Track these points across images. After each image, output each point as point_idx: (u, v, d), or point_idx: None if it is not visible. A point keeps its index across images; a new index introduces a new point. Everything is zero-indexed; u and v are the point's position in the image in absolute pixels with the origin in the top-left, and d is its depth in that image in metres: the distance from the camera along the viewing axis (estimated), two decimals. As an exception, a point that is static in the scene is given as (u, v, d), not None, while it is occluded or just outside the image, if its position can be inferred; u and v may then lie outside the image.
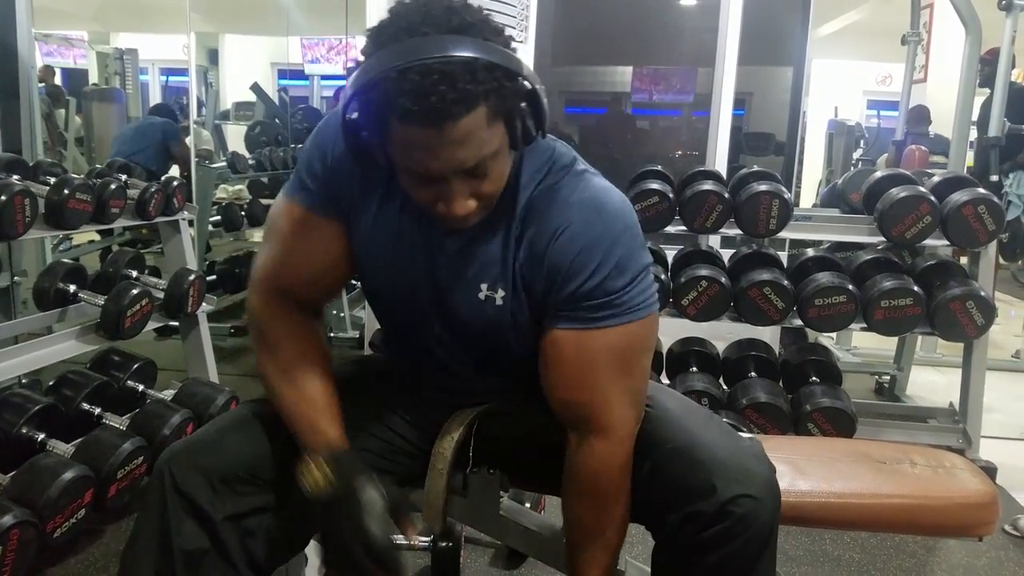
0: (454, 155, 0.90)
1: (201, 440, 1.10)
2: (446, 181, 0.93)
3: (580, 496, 1.10)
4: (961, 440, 2.63)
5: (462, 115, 0.86)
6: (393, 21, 0.90)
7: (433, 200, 0.96)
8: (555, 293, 1.03)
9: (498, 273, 1.07)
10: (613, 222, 1.02)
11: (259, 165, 4.51)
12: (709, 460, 1.02)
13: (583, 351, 1.04)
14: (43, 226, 2.07)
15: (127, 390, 2.32)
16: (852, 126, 6.24)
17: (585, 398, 1.05)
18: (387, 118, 0.89)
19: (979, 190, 2.50)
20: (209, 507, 1.02)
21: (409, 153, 0.91)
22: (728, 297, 2.51)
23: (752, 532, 1.00)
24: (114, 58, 6.77)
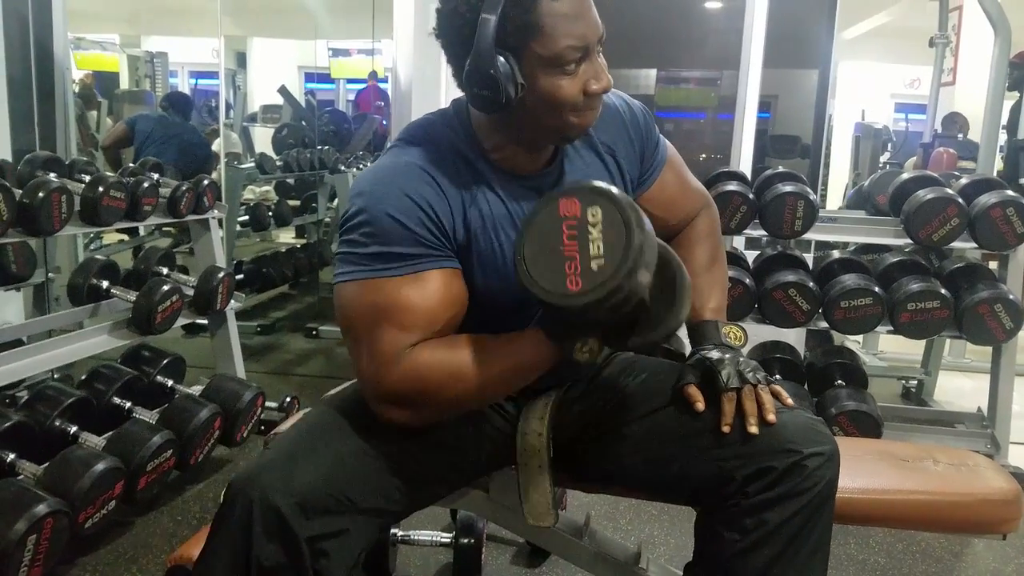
0: (595, 17, 1.04)
1: (282, 458, 1.08)
2: (590, 57, 1.04)
3: (702, 240, 1.37)
4: (989, 445, 2.60)
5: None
6: None
7: (582, 87, 1.04)
8: (648, 151, 1.28)
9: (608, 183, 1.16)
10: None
11: (286, 167, 4.56)
12: (779, 422, 1.10)
13: (677, 173, 1.34)
14: (78, 223, 2.12)
15: (157, 385, 2.37)
16: (879, 129, 6.17)
17: (694, 199, 1.38)
18: (536, 6, 0.99)
19: (1008, 192, 2.48)
20: (295, 526, 1.01)
21: (562, 29, 1.00)
22: (752, 299, 2.50)
23: (819, 489, 1.06)
24: (144, 61, 6.87)
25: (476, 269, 1.12)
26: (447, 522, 2.03)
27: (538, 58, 1.01)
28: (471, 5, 1.00)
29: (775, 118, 4.59)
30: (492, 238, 1.12)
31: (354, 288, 1.06)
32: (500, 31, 0.99)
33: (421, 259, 1.06)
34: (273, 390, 2.80)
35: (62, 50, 3.26)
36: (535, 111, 1.05)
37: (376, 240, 1.04)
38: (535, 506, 1.21)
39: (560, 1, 1.00)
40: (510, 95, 1.01)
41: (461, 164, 1.11)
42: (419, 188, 1.06)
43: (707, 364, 1.17)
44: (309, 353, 3.84)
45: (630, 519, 2.24)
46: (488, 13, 0.98)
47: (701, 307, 1.27)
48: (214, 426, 2.18)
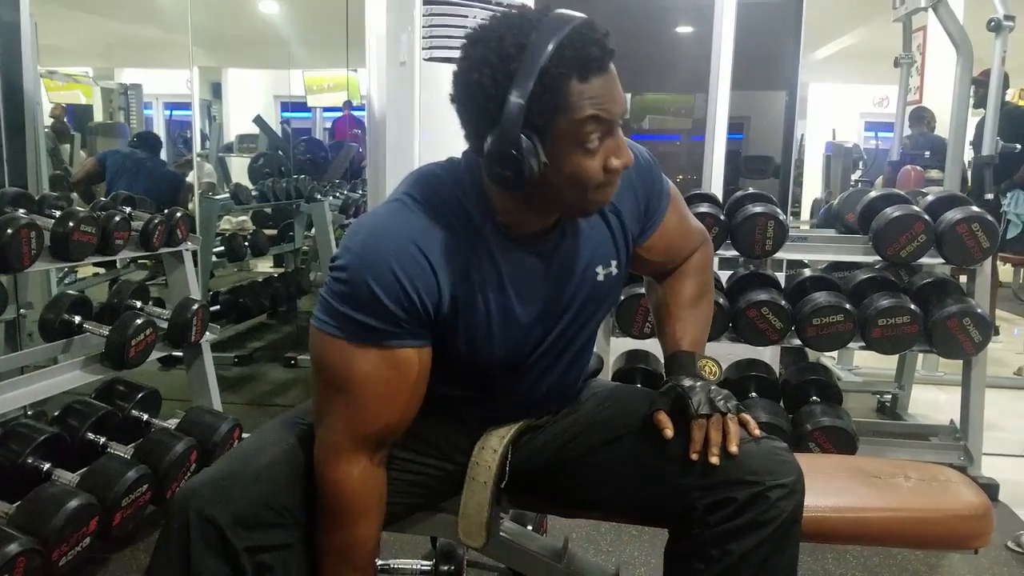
0: (620, 94, 1.02)
1: (222, 473, 1.10)
2: (613, 133, 1.03)
3: (693, 275, 1.37)
4: (962, 457, 2.63)
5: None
6: (495, 28, 1.00)
7: (602, 162, 1.03)
8: (652, 202, 1.26)
9: (609, 247, 1.21)
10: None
11: (262, 196, 4.57)
12: (743, 452, 1.11)
13: (678, 214, 1.33)
14: (49, 258, 2.11)
15: (131, 419, 2.34)
16: (850, 148, 6.27)
17: (693, 239, 1.37)
18: (566, 87, 0.96)
19: (973, 208, 2.53)
20: (234, 539, 1.03)
21: (590, 107, 0.98)
22: (727, 318, 2.53)
23: (783, 519, 1.07)
24: (118, 93, 6.86)
25: (461, 335, 1.11)
26: (427, 550, 2.02)
27: (563, 134, 0.99)
28: (497, 82, 0.96)
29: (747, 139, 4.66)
30: (480, 305, 1.10)
31: (321, 339, 1.07)
32: (527, 112, 0.96)
33: (389, 336, 1.05)
34: (251, 421, 2.77)
35: (32, 84, 3.26)
36: (556, 187, 1.03)
37: (352, 304, 1.03)
38: (468, 521, 1.22)
39: (590, 81, 0.97)
40: (533, 172, 0.99)
41: (463, 227, 1.08)
42: (406, 265, 1.03)
43: (679, 391, 1.17)
44: (288, 383, 3.82)
45: (610, 541, 2.24)
46: (517, 95, 0.95)
47: (680, 338, 1.29)
48: (190, 459, 2.15)
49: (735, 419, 1.15)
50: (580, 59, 0.96)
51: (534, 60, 0.95)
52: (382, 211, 1.10)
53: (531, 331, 1.16)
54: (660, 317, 1.36)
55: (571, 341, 1.22)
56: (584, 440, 1.25)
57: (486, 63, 0.97)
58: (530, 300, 1.14)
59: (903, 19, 4.14)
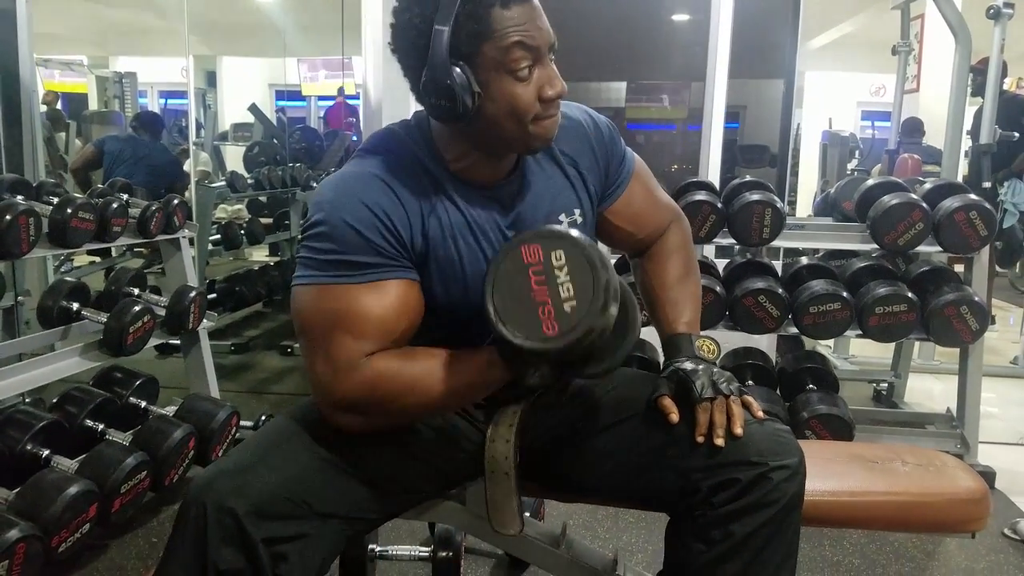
0: (546, 25, 1.05)
1: (238, 466, 1.08)
2: (542, 62, 1.06)
3: (673, 253, 1.37)
4: (959, 445, 2.64)
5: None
6: None
7: (536, 92, 1.05)
8: (613, 165, 1.28)
9: (570, 195, 1.22)
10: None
11: (258, 184, 4.56)
12: (747, 434, 1.12)
13: (645, 186, 1.34)
14: (47, 245, 2.10)
15: (130, 406, 2.35)
16: (846, 137, 6.28)
17: (662, 213, 1.37)
18: (488, 13, 1.00)
19: (970, 196, 2.53)
20: (251, 529, 1.02)
21: (515, 35, 1.02)
22: (723, 306, 2.53)
23: (785, 501, 1.08)
24: (113, 82, 6.83)
25: (435, 278, 1.13)
26: (425, 536, 2.03)
27: (492, 62, 1.02)
28: (424, 17, 1.01)
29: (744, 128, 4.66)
30: (451, 247, 1.12)
31: (311, 292, 1.07)
32: (453, 41, 1.01)
33: (377, 268, 1.06)
34: (248, 409, 2.78)
35: (28, 72, 3.24)
36: (494, 120, 1.06)
37: (333, 248, 1.05)
38: (500, 513, 1.22)
39: (511, 8, 1.02)
40: (467, 104, 1.02)
41: (421, 174, 1.12)
42: (377, 198, 1.06)
43: (681, 375, 1.18)
44: (284, 371, 3.83)
45: (608, 527, 2.25)
46: (441, 24, 1.00)
47: (675, 320, 1.29)
48: (188, 446, 2.16)
49: (738, 401, 1.15)
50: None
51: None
52: (342, 169, 1.14)
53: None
54: (650, 301, 1.37)
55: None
56: (587, 425, 1.25)
57: (413, 2, 1.03)
58: (498, 244, 1.15)
59: (901, 7, 4.14)
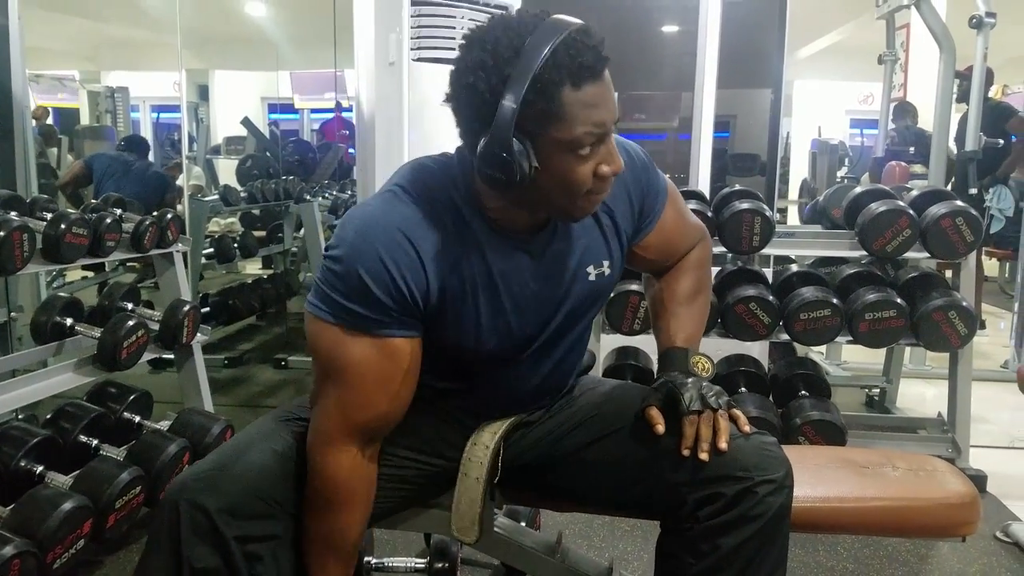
0: (614, 103, 1.03)
1: (212, 466, 1.12)
2: (606, 141, 1.03)
3: (690, 270, 1.39)
4: (950, 449, 2.66)
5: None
6: (492, 30, 1.00)
7: (594, 170, 1.03)
8: (647, 202, 1.27)
9: (601, 247, 1.21)
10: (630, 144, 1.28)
11: (251, 198, 4.56)
12: (733, 448, 1.12)
13: (676, 211, 1.34)
14: (40, 260, 2.10)
15: (124, 421, 2.34)
16: (835, 145, 6.31)
17: (691, 237, 1.39)
18: (559, 95, 0.97)
19: (957, 203, 2.56)
20: (223, 527, 1.05)
21: (582, 116, 0.99)
22: (715, 314, 2.55)
23: (771, 514, 1.08)
24: (105, 96, 6.83)
25: (449, 329, 1.12)
26: (422, 547, 2.03)
27: (555, 142, 1.00)
28: (491, 86, 0.97)
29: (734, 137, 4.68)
30: (469, 302, 1.12)
31: (316, 324, 1.09)
32: (519, 117, 0.97)
33: (377, 324, 1.07)
34: (242, 423, 2.75)
35: (20, 88, 3.25)
36: (546, 191, 1.04)
37: (344, 292, 1.05)
38: (461, 517, 1.23)
39: (583, 91, 0.98)
40: (524, 175, 1.00)
41: (453, 221, 1.09)
42: (396, 255, 1.05)
43: (670, 387, 1.19)
44: (278, 384, 3.82)
45: (603, 536, 2.26)
46: (510, 99, 0.96)
47: (675, 335, 1.30)
48: (183, 461, 2.16)
49: (725, 415, 1.16)
50: (574, 66, 0.96)
51: (528, 65, 0.95)
52: (374, 202, 1.11)
53: (521, 329, 1.17)
54: (656, 313, 1.37)
55: (561, 340, 1.24)
56: (577, 435, 1.26)
57: (481, 66, 0.98)
58: (520, 298, 1.15)
59: (886, 16, 4.18)
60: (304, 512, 1.13)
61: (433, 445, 1.27)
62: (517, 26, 0.99)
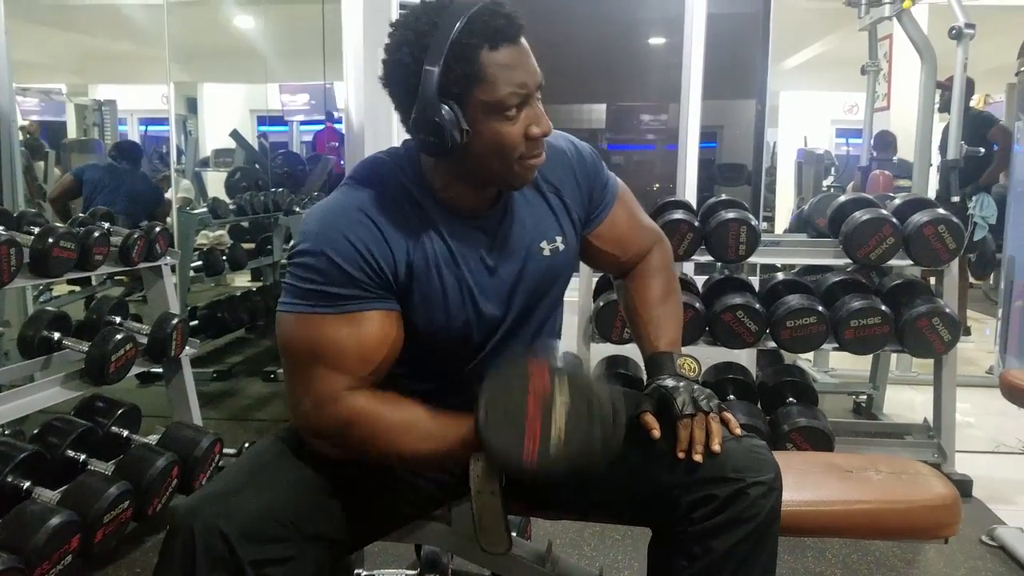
0: (534, 66, 1.08)
1: (225, 489, 1.10)
2: (530, 103, 1.09)
3: (656, 273, 1.40)
4: (936, 455, 2.68)
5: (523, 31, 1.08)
6: (412, 11, 1.08)
7: (523, 131, 1.08)
8: (596, 191, 1.31)
9: (552, 223, 1.25)
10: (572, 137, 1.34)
11: (240, 210, 4.57)
12: (725, 450, 1.14)
13: (628, 210, 1.37)
14: (28, 275, 2.10)
15: (112, 436, 2.33)
16: (821, 154, 6.39)
17: (645, 235, 1.41)
18: (477, 56, 1.03)
19: (939, 211, 2.59)
20: (241, 552, 1.03)
21: (503, 76, 1.05)
22: (703, 322, 2.57)
23: (762, 517, 1.10)
24: (92, 110, 6.82)
25: (418, 307, 1.15)
26: (412, 559, 2.03)
27: (481, 104, 1.05)
28: (415, 57, 1.04)
29: (722, 148, 4.73)
30: (434, 277, 1.15)
31: (293, 320, 1.11)
32: (444, 81, 1.03)
33: (357, 300, 1.09)
34: (231, 436, 2.77)
35: (7, 101, 3.25)
36: (481, 156, 1.09)
37: (315, 279, 1.08)
38: (488, 532, 1.23)
39: (500, 52, 1.05)
40: (456, 140, 1.05)
41: (408, 205, 1.14)
42: (359, 233, 1.09)
43: (663, 392, 1.21)
44: (267, 397, 3.82)
45: (594, 545, 2.26)
46: (431, 65, 1.03)
47: (657, 339, 1.32)
48: (171, 475, 2.15)
49: (717, 418, 1.18)
50: (489, 30, 1.04)
51: (445, 33, 1.03)
52: (331, 196, 1.17)
53: (486, 307, 1.19)
54: (633, 321, 1.40)
55: (527, 322, 1.26)
56: None
57: (405, 42, 1.06)
58: (479, 274, 1.18)
59: (869, 28, 4.23)
60: (396, 459, 1.13)
61: None
62: (436, 4, 1.07)
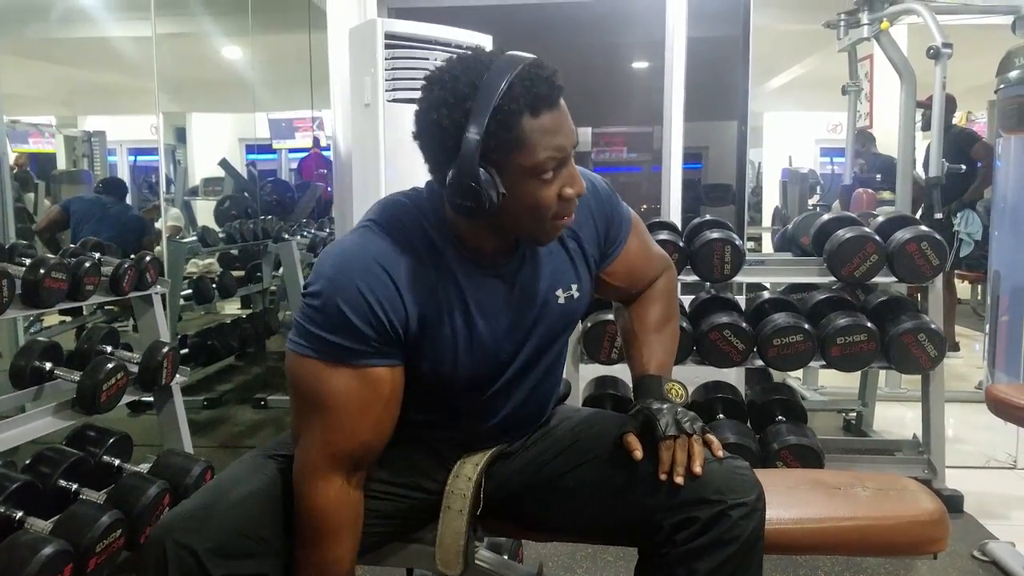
0: (572, 127, 1.09)
1: (197, 506, 1.12)
2: (567, 164, 1.09)
3: (658, 299, 1.43)
4: (926, 471, 2.69)
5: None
6: (450, 69, 1.07)
7: (558, 192, 1.09)
8: (612, 229, 1.32)
9: (569, 271, 1.26)
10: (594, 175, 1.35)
11: (229, 238, 4.58)
12: (707, 471, 1.15)
13: (640, 241, 1.39)
14: (20, 306, 2.11)
15: (103, 465, 2.32)
16: (805, 174, 6.46)
17: (655, 264, 1.43)
18: (519, 123, 1.03)
19: (921, 228, 2.62)
20: (211, 568, 1.05)
21: (543, 142, 1.05)
22: (691, 341, 2.59)
23: (745, 538, 1.11)
24: (82, 141, 6.83)
25: (426, 355, 1.16)
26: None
27: (519, 168, 1.05)
28: (454, 121, 1.03)
29: (707, 168, 4.77)
30: (446, 326, 1.15)
31: (298, 361, 1.12)
32: (483, 147, 1.03)
33: (360, 355, 1.10)
34: (222, 463, 2.73)
35: (-3, 134, 3.27)
36: (515, 216, 1.09)
37: (325, 326, 1.09)
38: (445, 550, 1.24)
39: (542, 118, 1.04)
40: (492, 202, 1.05)
41: (427, 251, 1.14)
42: (374, 286, 1.09)
43: (647, 414, 1.22)
44: (258, 424, 3.81)
45: (587, 568, 2.27)
46: (473, 131, 1.02)
47: (648, 362, 1.34)
48: (163, 503, 2.14)
49: (699, 440, 1.19)
50: (531, 96, 1.03)
51: (487, 98, 1.02)
52: (349, 238, 1.16)
53: (496, 354, 1.20)
54: (628, 342, 1.41)
55: (536, 365, 1.27)
56: (555, 465, 1.29)
57: (443, 103, 1.04)
58: (494, 322, 1.19)
59: (848, 49, 4.29)
60: (295, 546, 1.14)
61: (414, 477, 1.29)
62: (474, 63, 1.05)
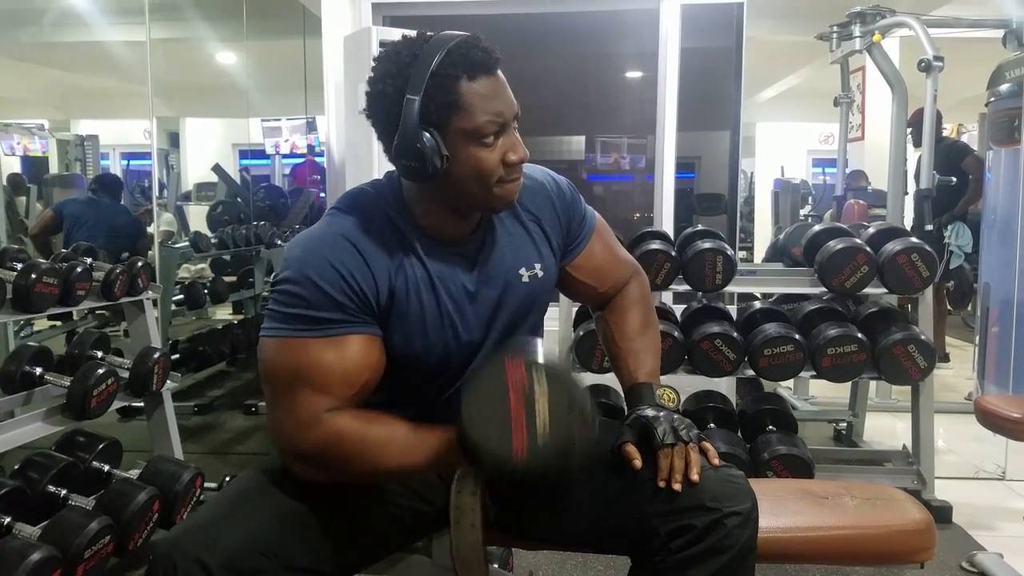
0: (510, 96, 1.14)
1: (207, 521, 1.11)
2: (507, 131, 1.14)
3: (633, 306, 1.44)
4: (916, 481, 2.70)
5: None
6: (394, 46, 1.13)
7: (500, 157, 1.13)
8: (574, 223, 1.36)
9: (531, 251, 1.29)
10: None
11: (222, 243, 4.57)
12: (703, 479, 1.16)
13: (605, 243, 1.42)
14: (10, 311, 2.10)
15: (93, 470, 2.32)
16: (797, 184, 6.50)
17: (622, 268, 1.45)
18: (455, 86, 1.08)
19: (912, 239, 2.64)
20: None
21: (481, 106, 1.10)
22: (682, 350, 2.59)
23: (739, 547, 1.12)
24: (74, 145, 6.82)
25: (397, 332, 1.18)
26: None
27: (460, 132, 1.10)
28: (397, 88, 1.09)
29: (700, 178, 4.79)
30: (415, 302, 1.18)
31: (276, 344, 1.13)
32: (424, 110, 1.08)
33: (340, 324, 1.12)
34: (212, 470, 2.76)
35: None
36: (461, 181, 1.13)
37: (299, 303, 1.11)
38: (465, 565, 1.24)
39: (478, 82, 1.10)
40: (436, 166, 1.09)
41: (390, 231, 1.18)
42: (342, 258, 1.12)
43: (644, 422, 1.23)
44: (248, 430, 3.80)
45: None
46: (412, 94, 1.08)
47: (636, 370, 1.35)
48: (153, 509, 2.14)
49: (696, 448, 1.20)
50: (467, 61, 1.09)
51: (426, 64, 1.08)
52: (314, 225, 1.21)
53: (466, 331, 1.22)
54: (612, 353, 1.42)
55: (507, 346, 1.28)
56: None
57: (387, 74, 1.11)
58: (459, 300, 1.21)
59: (840, 61, 4.33)
60: (382, 475, 1.16)
61: (411, 487, 1.29)
62: (416, 39, 1.13)
